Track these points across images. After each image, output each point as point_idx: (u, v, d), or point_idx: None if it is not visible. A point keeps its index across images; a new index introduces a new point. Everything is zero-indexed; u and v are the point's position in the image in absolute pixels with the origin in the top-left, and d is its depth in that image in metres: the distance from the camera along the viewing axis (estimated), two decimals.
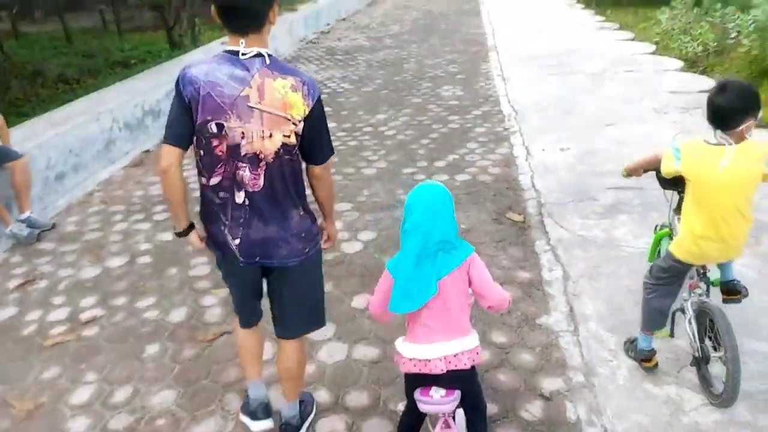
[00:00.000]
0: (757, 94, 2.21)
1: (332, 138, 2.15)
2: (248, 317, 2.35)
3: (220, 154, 1.92)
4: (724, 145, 2.19)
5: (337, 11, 15.90)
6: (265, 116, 1.86)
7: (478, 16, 14.46)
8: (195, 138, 1.94)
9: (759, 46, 7.39)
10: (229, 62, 1.86)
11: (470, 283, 1.91)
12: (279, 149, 1.90)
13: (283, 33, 11.30)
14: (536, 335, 2.94)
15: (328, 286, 3.40)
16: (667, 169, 2.34)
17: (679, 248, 2.38)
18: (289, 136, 1.90)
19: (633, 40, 10.40)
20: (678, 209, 2.51)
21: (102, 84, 9.47)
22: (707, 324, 2.44)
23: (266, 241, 2.01)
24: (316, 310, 2.31)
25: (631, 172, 2.71)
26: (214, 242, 2.11)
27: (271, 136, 1.88)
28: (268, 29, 1.90)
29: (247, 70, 1.85)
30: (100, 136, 5.58)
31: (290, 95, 1.86)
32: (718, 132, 2.22)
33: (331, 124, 6.48)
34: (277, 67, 1.88)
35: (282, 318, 2.25)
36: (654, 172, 2.54)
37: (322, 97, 2.02)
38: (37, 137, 4.92)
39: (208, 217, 2.09)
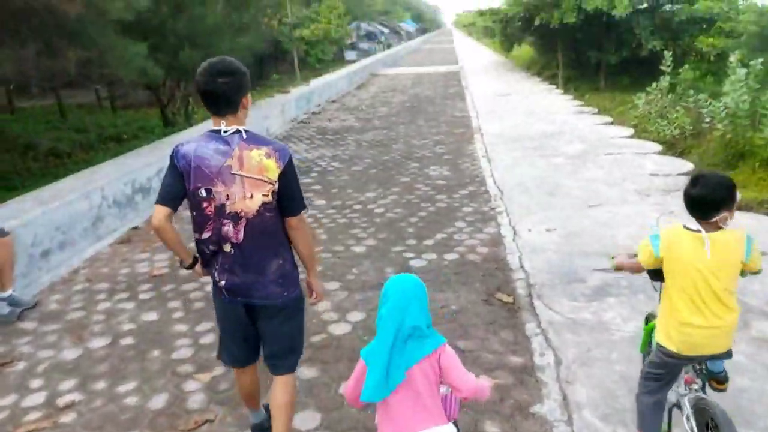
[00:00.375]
0: (732, 187, 2.25)
1: (322, 215, 2.65)
2: (235, 356, 2.60)
3: (209, 213, 2.31)
4: (702, 232, 2.23)
5: (327, 93, 16.50)
6: (246, 180, 2.25)
7: (463, 100, 15.07)
8: (189, 201, 2.33)
9: (732, 131, 7.75)
10: (214, 139, 2.28)
11: (441, 375, 1.92)
12: (260, 207, 2.28)
13: (275, 113, 11.66)
14: (530, 425, 2.87)
15: (313, 371, 3.37)
16: (647, 260, 2.35)
17: (668, 339, 2.35)
18: (267, 195, 2.28)
19: (612, 123, 10.86)
20: None
21: (94, 159, 9.61)
22: (707, 421, 2.38)
23: (247, 285, 2.37)
24: (298, 347, 2.59)
25: (619, 269, 2.70)
26: (213, 280, 2.47)
27: (252, 196, 2.27)
28: (243, 113, 2.32)
29: (228, 144, 2.26)
30: (88, 213, 5.58)
31: (265, 161, 2.25)
32: (699, 221, 2.27)
33: (320, 202, 6.66)
34: (253, 140, 2.29)
35: (269, 356, 2.53)
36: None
37: (313, 174, 2.48)
38: (25, 214, 4.90)
39: (204, 262, 2.48)
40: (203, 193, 2.27)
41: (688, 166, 7.58)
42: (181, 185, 2.29)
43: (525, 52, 26.68)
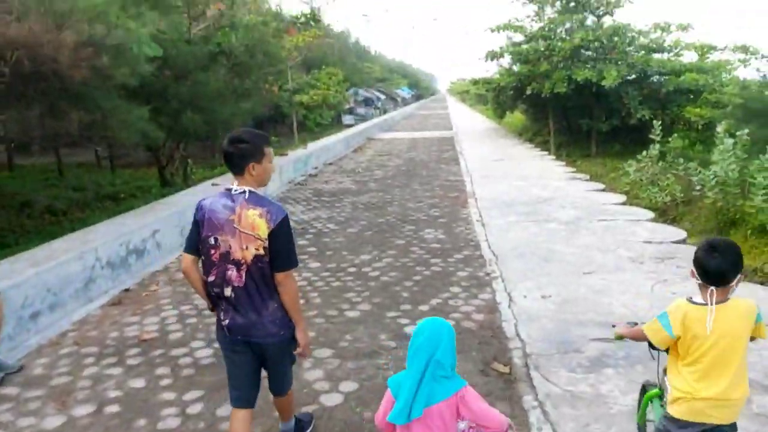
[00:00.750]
0: (740, 250, 2.31)
1: (316, 278, 2.98)
2: (239, 395, 2.88)
3: (215, 259, 2.69)
4: (707, 305, 2.25)
5: (325, 156, 16.79)
6: (242, 235, 2.62)
7: (457, 164, 15.34)
8: (200, 247, 2.71)
9: (723, 199, 7.88)
10: (225, 196, 2.70)
11: (461, 416, 2.10)
12: (254, 257, 2.64)
13: (273, 176, 11.79)
14: None
15: None
16: (662, 341, 2.36)
17: (678, 409, 2.34)
18: (259, 249, 2.63)
19: (604, 190, 11.03)
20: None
21: (90, 217, 9.62)
22: None
23: (247, 325, 2.71)
24: (289, 372, 3.03)
25: (622, 337, 2.70)
26: (217, 320, 2.82)
27: (247, 248, 2.63)
28: (251, 177, 2.69)
29: (234, 202, 2.66)
30: (81, 274, 5.54)
31: (257, 220, 2.61)
32: (711, 289, 2.27)
33: (315, 264, 6.64)
34: (253, 200, 2.65)
35: (270, 382, 3.00)
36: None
37: (308, 236, 2.84)
38: (17, 275, 4.85)
39: (212, 301, 2.81)
40: (212, 241, 2.67)
41: (680, 233, 7.64)
42: (199, 234, 2.72)
43: (517, 119, 27.42)
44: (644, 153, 10.41)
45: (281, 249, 2.65)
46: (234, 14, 11.98)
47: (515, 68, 18.16)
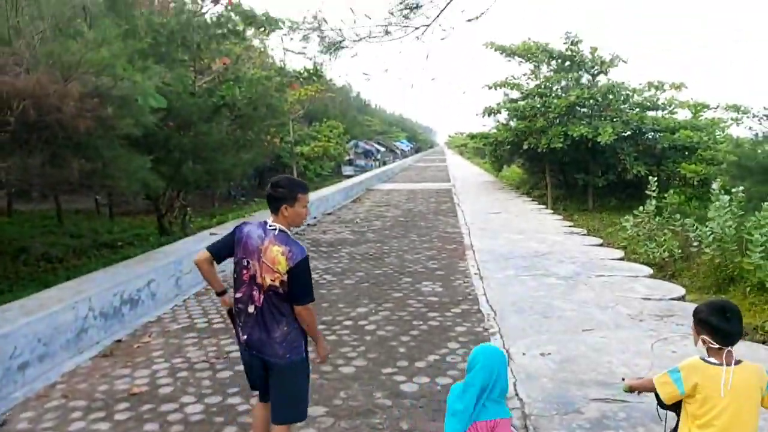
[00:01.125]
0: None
1: None
2: (259, 393, 3.33)
3: (245, 279, 3.11)
4: (723, 365, 2.28)
5: (324, 206, 16.88)
6: (264, 265, 3.04)
7: (455, 217, 15.40)
8: (234, 266, 3.17)
9: (720, 255, 7.87)
10: (261, 228, 3.14)
11: None
12: (269, 286, 3.04)
13: None
14: None
15: None
16: (669, 396, 2.34)
17: None
18: (275, 281, 3.02)
19: (602, 245, 11.04)
20: (676, 430, 2.45)
21: (86, 265, 9.55)
22: None
23: (260, 341, 3.09)
24: (296, 407, 3.18)
25: (632, 389, 2.67)
26: (237, 336, 3.26)
27: (265, 277, 3.04)
28: (283, 217, 3.12)
29: (266, 235, 3.08)
30: (73, 324, 5.45)
31: (279, 257, 3.00)
32: (728, 350, 2.32)
33: None
34: (279, 238, 3.05)
35: (272, 404, 3.20)
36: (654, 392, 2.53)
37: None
38: (7, 324, 4.77)
39: (236, 315, 3.23)
40: (245, 262, 3.11)
41: (679, 290, 7.59)
42: (229, 247, 3.19)
43: (515, 173, 27.75)
44: (641, 208, 10.47)
45: (299, 286, 3.03)
46: (239, 69, 12.30)
47: (512, 124, 18.54)
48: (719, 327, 2.31)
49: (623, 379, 2.72)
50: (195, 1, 10.84)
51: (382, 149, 47.45)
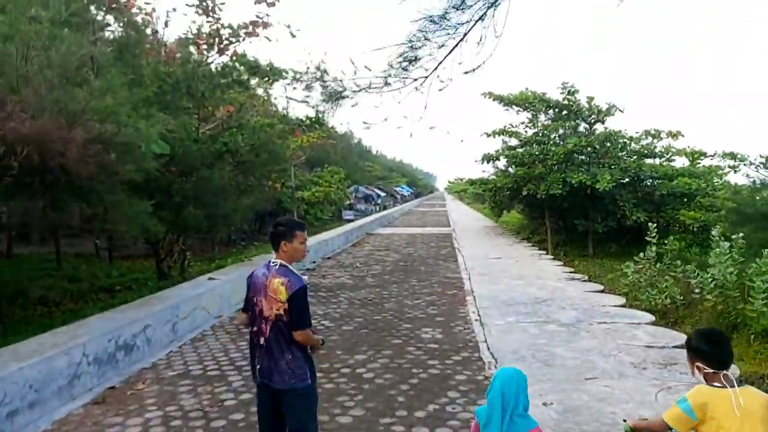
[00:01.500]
0: None
1: None
2: (262, 429, 3.60)
3: (256, 314, 3.48)
4: (728, 387, 2.36)
5: (323, 250, 16.85)
6: (270, 297, 3.40)
7: (455, 262, 15.35)
8: (247, 304, 3.57)
9: (722, 302, 7.80)
10: (265, 267, 3.53)
11: None
12: (276, 316, 3.39)
13: None
14: None
15: None
16: (682, 425, 2.37)
17: None
18: (279, 310, 3.38)
19: (603, 291, 10.95)
20: None
21: (82, 309, 9.45)
22: None
23: (269, 369, 3.44)
24: (306, 428, 3.47)
25: (635, 429, 2.65)
26: (252, 366, 3.61)
27: (272, 308, 3.40)
28: (284, 253, 3.49)
29: (269, 271, 3.47)
30: (66, 370, 5.35)
31: (280, 287, 3.37)
32: (724, 373, 2.44)
33: None
34: (281, 271, 3.43)
35: (289, 429, 3.52)
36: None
37: None
38: None
39: (251, 349, 3.60)
40: (254, 300, 3.49)
41: (682, 337, 7.47)
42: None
43: (514, 218, 27.84)
44: (641, 254, 10.44)
45: (295, 312, 3.37)
46: (242, 116, 12.52)
47: (511, 170, 18.73)
48: (710, 351, 2.45)
49: (625, 420, 2.73)
50: (201, 52, 11.13)
51: (383, 194, 47.79)
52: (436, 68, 5.12)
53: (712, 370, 2.45)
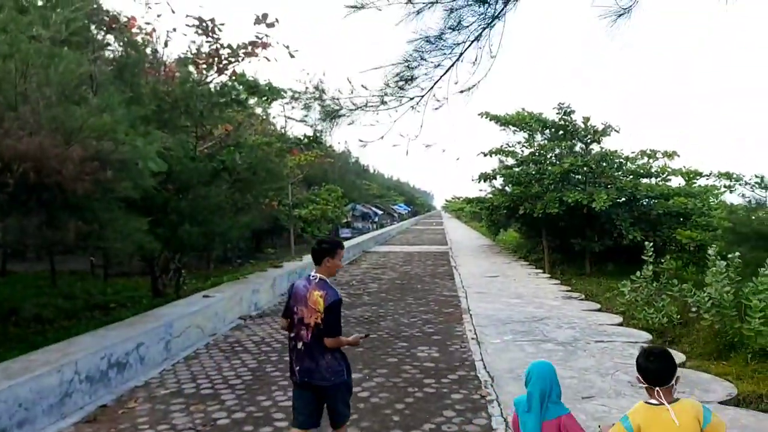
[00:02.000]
0: (672, 357, 2.75)
1: None
2: (298, 418, 4.04)
3: (296, 321, 3.95)
4: (664, 404, 2.52)
5: None
6: (310, 307, 3.87)
7: (452, 280, 15.31)
8: (288, 311, 4.03)
9: (720, 321, 7.79)
10: (306, 280, 4.01)
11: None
12: (315, 324, 3.85)
13: (266, 288, 11.73)
14: None
15: None
16: None
17: None
18: (317, 319, 3.83)
19: (600, 309, 10.92)
20: None
21: (76, 327, 9.38)
22: None
23: (310, 370, 3.91)
24: (346, 413, 4.08)
25: None
26: (290, 366, 4.07)
27: (311, 316, 3.85)
28: (325, 268, 4.01)
29: (309, 284, 3.94)
30: (57, 388, 5.29)
31: (318, 299, 3.83)
32: (657, 389, 2.60)
33: None
34: (319, 285, 3.91)
35: (330, 417, 4.04)
36: None
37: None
38: None
39: (290, 351, 4.06)
40: (295, 309, 3.96)
41: (679, 356, 7.45)
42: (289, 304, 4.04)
43: (511, 237, 27.85)
44: (638, 273, 10.44)
45: (328, 322, 3.83)
46: (240, 135, 12.57)
47: (508, 189, 18.80)
48: (645, 367, 2.62)
49: (599, 427, 2.91)
50: (200, 71, 11.22)
51: (380, 212, 47.85)
52: (431, 87, 5.16)
53: (646, 385, 2.65)
